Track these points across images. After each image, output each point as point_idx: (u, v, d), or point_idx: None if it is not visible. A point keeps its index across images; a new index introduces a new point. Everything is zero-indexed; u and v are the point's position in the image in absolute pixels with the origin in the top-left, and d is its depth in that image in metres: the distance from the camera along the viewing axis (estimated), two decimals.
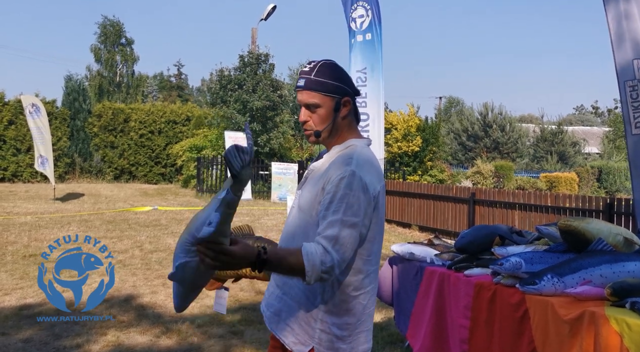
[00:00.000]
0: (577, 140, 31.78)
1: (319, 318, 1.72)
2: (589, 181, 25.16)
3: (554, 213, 7.73)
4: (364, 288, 1.75)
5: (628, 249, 3.01)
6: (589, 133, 39.82)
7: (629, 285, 2.62)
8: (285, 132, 17.29)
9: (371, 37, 9.63)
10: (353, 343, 1.74)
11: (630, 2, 4.25)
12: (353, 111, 1.84)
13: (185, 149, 18.01)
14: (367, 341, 1.79)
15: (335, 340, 1.72)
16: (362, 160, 1.73)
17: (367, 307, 1.78)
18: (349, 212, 1.63)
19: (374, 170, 1.75)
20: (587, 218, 3.11)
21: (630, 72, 4.21)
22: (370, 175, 1.71)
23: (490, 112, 29.98)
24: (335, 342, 1.72)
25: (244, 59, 16.70)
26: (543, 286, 2.82)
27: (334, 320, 1.72)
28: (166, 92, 46.66)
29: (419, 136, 20.00)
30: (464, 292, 3.30)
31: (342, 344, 1.73)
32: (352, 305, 1.74)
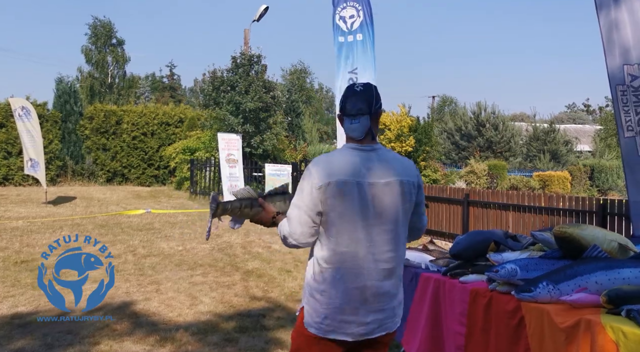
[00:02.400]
0: (569, 138, 31.94)
1: (307, 283, 2.23)
2: (582, 180, 25.29)
3: (548, 214, 7.75)
4: (334, 264, 2.15)
5: (623, 255, 3.02)
6: (581, 131, 40.05)
7: (624, 292, 2.61)
8: (279, 133, 17.24)
9: (362, 38, 9.60)
10: (324, 307, 2.16)
11: (621, 9, 4.28)
12: (343, 124, 2.28)
13: (179, 150, 17.93)
14: (334, 312, 2.15)
15: (312, 301, 2.19)
16: (323, 157, 2.21)
17: (339, 283, 2.15)
18: (296, 196, 2.18)
19: (328, 165, 2.15)
20: (582, 224, 3.10)
21: (621, 77, 4.24)
22: (322, 169, 2.14)
23: (483, 111, 30.04)
24: (312, 304, 2.19)
25: (236, 60, 16.63)
26: (539, 293, 2.81)
27: (313, 285, 2.19)
28: (159, 93, 46.51)
29: (411, 136, 20.01)
30: (460, 299, 3.29)
31: (316, 305, 2.18)
32: (325, 275, 2.16)
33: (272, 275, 6.67)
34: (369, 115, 2.18)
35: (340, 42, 9.97)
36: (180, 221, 10.95)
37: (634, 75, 4.64)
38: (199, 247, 8.24)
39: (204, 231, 9.76)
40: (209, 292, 5.71)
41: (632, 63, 4.59)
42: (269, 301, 5.51)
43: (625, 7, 4.26)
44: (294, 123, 23.83)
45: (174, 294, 5.55)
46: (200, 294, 5.59)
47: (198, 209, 13.27)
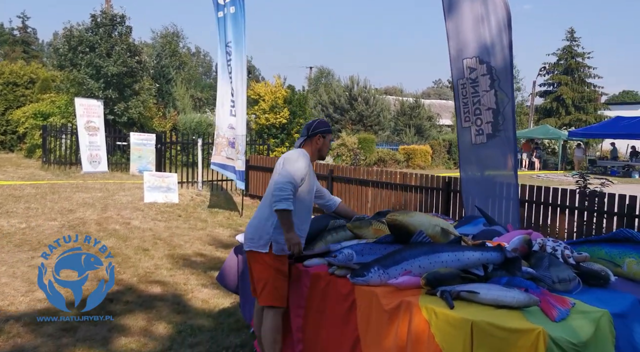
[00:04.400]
0: (432, 114, 34.34)
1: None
2: (441, 153, 27.47)
3: (402, 190, 8.29)
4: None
5: (445, 239, 3.30)
6: (445, 106, 43.19)
7: (440, 275, 2.87)
8: (146, 100, 16.28)
9: (235, 11, 9.34)
10: None
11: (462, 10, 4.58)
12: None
13: (29, 115, 16.17)
14: None
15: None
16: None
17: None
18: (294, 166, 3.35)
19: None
20: (411, 212, 3.34)
21: (461, 72, 4.58)
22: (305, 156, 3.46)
23: (356, 85, 31.07)
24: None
25: (96, 19, 15.24)
26: (370, 277, 2.99)
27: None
28: (8, 47, 41.31)
29: (286, 108, 20.12)
30: (303, 283, 3.40)
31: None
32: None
33: (127, 254, 6.36)
34: (306, 136, 3.50)
35: (218, 18, 9.60)
36: (27, 194, 9.95)
37: (472, 67, 5.04)
38: (45, 225, 7.57)
39: (54, 205, 8.99)
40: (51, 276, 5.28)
41: (471, 56, 4.98)
42: (120, 283, 5.25)
43: (465, 6, 4.57)
44: (164, 90, 22.64)
45: (8, 280, 5.06)
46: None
47: (50, 180, 12.16)
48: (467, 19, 4.63)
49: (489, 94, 5.02)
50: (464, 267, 2.99)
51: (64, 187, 10.86)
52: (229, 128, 9.41)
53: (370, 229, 3.57)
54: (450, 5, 5.09)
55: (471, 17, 4.66)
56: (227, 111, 9.49)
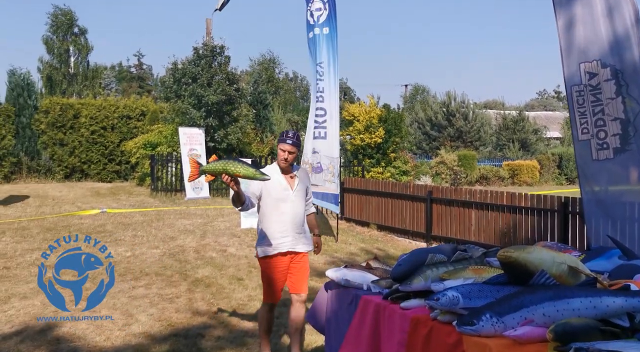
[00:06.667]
0: (539, 127, 32.16)
1: None
2: (550, 168, 25.47)
3: (510, 212, 7.54)
4: None
5: (574, 279, 2.73)
6: (552, 118, 40.47)
7: (572, 327, 2.32)
8: (244, 126, 16.73)
9: (329, 31, 9.27)
10: None
11: (576, 8, 3.99)
12: None
13: (139, 145, 17.26)
14: None
15: None
16: None
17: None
18: None
19: None
20: (528, 247, 2.80)
21: (577, 77, 3.96)
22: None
23: (453, 101, 29.98)
24: None
25: (198, 51, 16.02)
26: (482, 326, 2.50)
27: None
28: (126, 83, 45.21)
29: (381, 127, 19.72)
30: (399, 327, 2.98)
31: None
32: None
33: (221, 284, 6.28)
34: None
35: (309, 38, 9.59)
36: (135, 222, 10.44)
37: (592, 72, 4.37)
38: (148, 253, 7.79)
39: (158, 232, 9.31)
40: (148, 308, 5.30)
41: (590, 60, 4.33)
42: (212, 316, 5.13)
43: (581, 3, 3.97)
44: (262, 115, 23.25)
45: (108, 312, 5.12)
46: (138, 311, 5.17)
47: (157, 207, 12.75)
48: (585, 14, 4.01)
49: (614, 102, 4.30)
50: (603, 317, 2.40)
51: (169, 214, 11.29)
52: (313, 153, 9.16)
53: (468, 271, 3.04)
54: (560, 2, 4.47)
55: (589, 12, 4.03)
56: (310, 134, 9.28)
